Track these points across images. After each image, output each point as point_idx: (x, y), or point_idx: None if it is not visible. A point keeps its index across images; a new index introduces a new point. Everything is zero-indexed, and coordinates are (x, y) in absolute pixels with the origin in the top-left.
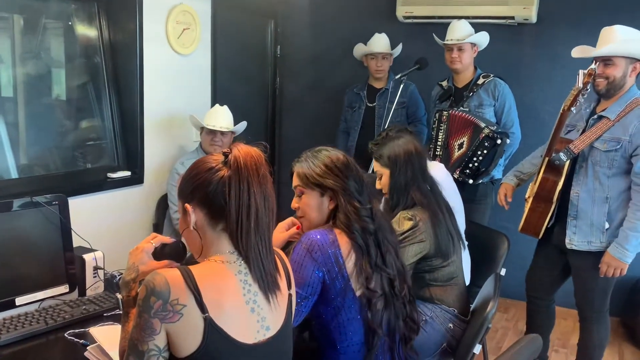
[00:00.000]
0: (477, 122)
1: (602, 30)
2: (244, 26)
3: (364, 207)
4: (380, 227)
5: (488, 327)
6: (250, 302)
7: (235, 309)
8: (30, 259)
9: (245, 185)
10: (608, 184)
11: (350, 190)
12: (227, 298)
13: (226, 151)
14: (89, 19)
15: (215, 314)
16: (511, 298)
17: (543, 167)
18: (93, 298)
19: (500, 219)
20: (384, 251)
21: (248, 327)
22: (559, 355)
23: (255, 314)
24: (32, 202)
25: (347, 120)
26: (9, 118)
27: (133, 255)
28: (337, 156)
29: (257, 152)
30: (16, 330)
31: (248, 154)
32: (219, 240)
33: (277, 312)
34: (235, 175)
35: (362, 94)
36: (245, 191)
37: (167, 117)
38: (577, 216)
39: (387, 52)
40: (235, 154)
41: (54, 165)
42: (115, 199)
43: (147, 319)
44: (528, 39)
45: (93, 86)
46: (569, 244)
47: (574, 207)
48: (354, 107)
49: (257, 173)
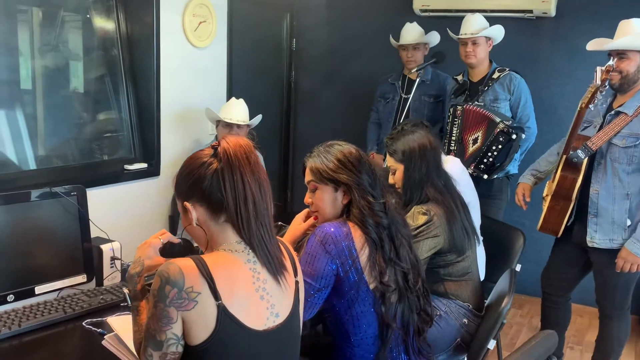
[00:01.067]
0: (492, 116)
1: (620, 23)
2: (260, 19)
3: (378, 202)
4: (393, 221)
5: (502, 322)
6: (260, 289)
7: (246, 296)
8: (49, 249)
9: (239, 176)
10: (628, 181)
11: (363, 185)
12: (239, 285)
13: (215, 144)
14: (107, 12)
15: (228, 301)
16: (526, 294)
17: (561, 165)
18: (110, 288)
19: (516, 214)
20: (398, 245)
21: (258, 313)
22: (574, 353)
23: (264, 301)
24: (51, 192)
25: (379, 111)
26: (27, 110)
27: (140, 250)
28: (349, 150)
29: (245, 141)
30: (36, 318)
31: (236, 144)
32: (223, 232)
33: (286, 299)
34: (227, 167)
35: (397, 85)
36: (240, 181)
37: (183, 110)
38: (598, 214)
39: (416, 43)
40: (223, 145)
41: (71, 156)
42: (132, 190)
43: (162, 308)
44: (546, 32)
45: (110, 79)
46: (591, 242)
47: (594, 204)
48: (388, 98)
49: (248, 161)
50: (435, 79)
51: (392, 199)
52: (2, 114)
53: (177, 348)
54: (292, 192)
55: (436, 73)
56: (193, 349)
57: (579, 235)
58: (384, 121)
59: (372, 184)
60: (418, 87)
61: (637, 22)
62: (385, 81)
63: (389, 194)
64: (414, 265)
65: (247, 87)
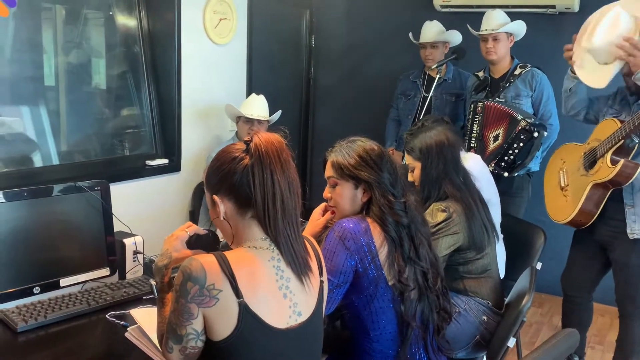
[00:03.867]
0: (514, 113)
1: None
2: (280, 16)
3: (398, 201)
4: (413, 220)
5: (523, 320)
6: (283, 287)
7: (269, 294)
8: (73, 243)
9: (269, 173)
10: None
11: (384, 183)
12: (261, 283)
13: (247, 139)
14: (129, 9)
15: (250, 299)
16: (546, 293)
17: (610, 153)
18: (133, 281)
19: (537, 212)
20: (417, 244)
21: (280, 312)
22: (595, 352)
23: (287, 300)
24: (76, 187)
25: (400, 109)
26: (51, 106)
27: (167, 242)
28: (371, 147)
29: (277, 138)
30: (61, 310)
31: (268, 141)
32: (249, 228)
33: (309, 298)
34: (258, 164)
35: (419, 82)
36: (269, 178)
37: (204, 106)
38: (635, 203)
39: (435, 41)
40: (256, 141)
41: (93, 152)
42: (153, 186)
43: (184, 304)
44: (570, 28)
45: (132, 75)
46: (631, 233)
47: (629, 195)
48: (409, 96)
49: (279, 159)
50: (457, 77)
51: (412, 197)
52: (26, 110)
53: (197, 343)
54: (311, 188)
55: (458, 71)
56: (216, 344)
57: (601, 232)
58: (404, 118)
59: (393, 182)
60: (439, 85)
61: None
62: (407, 78)
63: (409, 192)
64: (433, 264)
65: (267, 83)
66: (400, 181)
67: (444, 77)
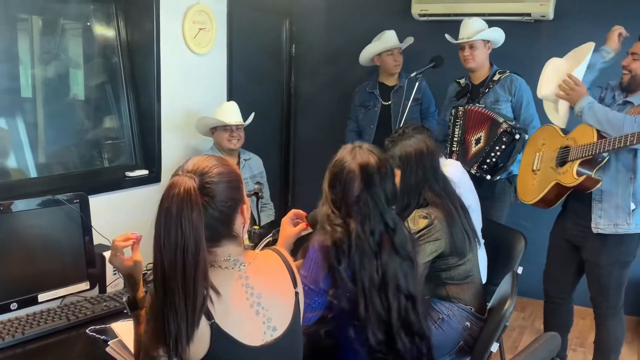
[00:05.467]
0: (495, 117)
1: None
2: (260, 25)
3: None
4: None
5: (505, 325)
6: (255, 304)
7: (240, 313)
8: (52, 256)
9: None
10: (631, 165)
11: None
12: (232, 303)
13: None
14: (107, 20)
15: (221, 319)
16: (528, 297)
17: (578, 162)
18: (113, 295)
19: (517, 217)
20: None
21: (254, 329)
22: (577, 355)
23: (260, 316)
24: (54, 200)
25: (359, 120)
26: (28, 118)
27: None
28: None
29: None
30: (39, 326)
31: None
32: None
33: (283, 312)
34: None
35: (376, 92)
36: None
37: (184, 117)
38: (602, 199)
39: (401, 47)
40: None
41: (72, 164)
42: (134, 197)
43: (154, 326)
44: (545, 35)
45: (111, 86)
46: (595, 227)
47: (597, 190)
48: (368, 106)
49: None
50: (412, 83)
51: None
52: (2, 122)
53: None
54: (293, 197)
55: (412, 78)
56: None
57: (571, 233)
58: (366, 128)
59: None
60: (396, 92)
61: None
62: (363, 90)
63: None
64: (411, 296)
65: (247, 92)
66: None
67: (399, 85)
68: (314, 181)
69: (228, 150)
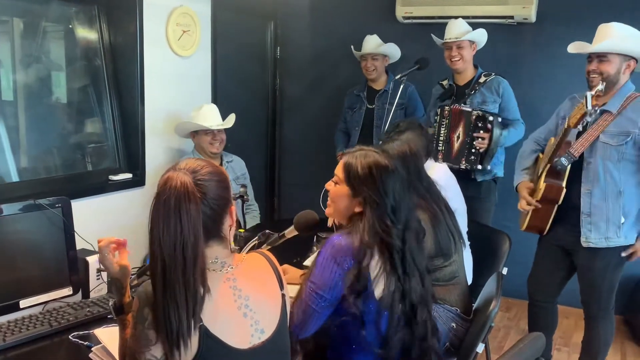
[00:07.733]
0: (465, 108)
1: (599, 27)
2: (244, 28)
3: (395, 227)
4: (410, 248)
5: (491, 326)
6: (243, 307)
7: (228, 315)
8: (34, 262)
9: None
10: (620, 178)
11: (384, 206)
12: (220, 305)
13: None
14: (89, 22)
15: (210, 322)
16: (513, 297)
17: (544, 173)
18: (97, 300)
19: (502, 217)
20: (409, 273)
21: (242, 332)
22: (561, 354)
23: (248, 319)
24: (36, 204)
25: (347, 121)
26: (9, 122)
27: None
28: (386, 165)
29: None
30: (21, 332)
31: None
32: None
33: (271, 314)
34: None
35: (362, 95)
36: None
37: (168, 119)
38: (592, 213)
39: (375, 53)
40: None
41: (55, 168)
42: (117, 201)
43: (141, 330)
44: (527, 38)
45: (94, 89)
46: (586, 242)
47: (586, 204)
48: (354, 108)
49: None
50: (397, 87)
51: (415, 224)
52: None
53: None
54: (279, 200)
55: (398, 82)
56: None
57: (564, 238)
58: (352, 130)
59: (396, 208)
60: (381, 96)
61: (616, 25)
62: (352, 93)
63: (412, 220)
64: (423, 298)
65: (232, 95)
66: (406, 206)
67: (384, 89)
68: (299, 182)
69: (210, 153)
